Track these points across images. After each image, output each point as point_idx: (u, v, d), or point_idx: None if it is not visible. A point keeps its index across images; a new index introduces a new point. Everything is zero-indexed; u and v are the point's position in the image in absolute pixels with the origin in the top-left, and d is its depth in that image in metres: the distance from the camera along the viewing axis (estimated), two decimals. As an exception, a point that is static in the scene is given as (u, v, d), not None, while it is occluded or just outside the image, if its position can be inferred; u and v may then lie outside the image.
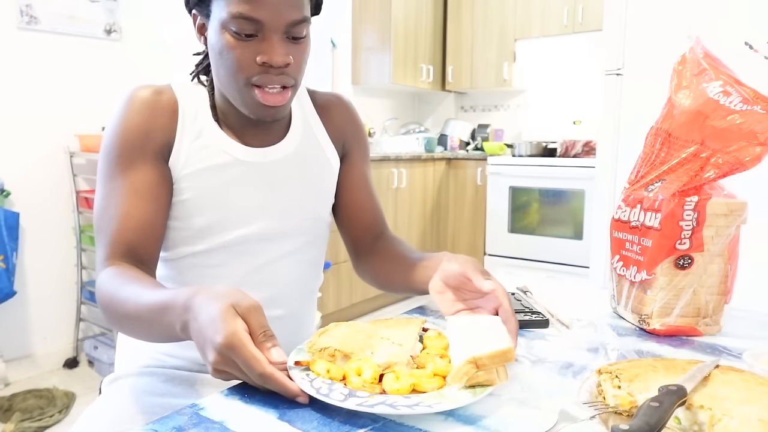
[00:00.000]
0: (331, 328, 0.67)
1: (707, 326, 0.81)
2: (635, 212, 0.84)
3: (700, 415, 0.50)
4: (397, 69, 4.14)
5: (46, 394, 2.30)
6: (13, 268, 2.32)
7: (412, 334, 0.68)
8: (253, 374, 0.57)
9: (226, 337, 0.56)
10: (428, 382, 0.58)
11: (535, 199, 3.90)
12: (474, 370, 0.56)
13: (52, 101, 2.57)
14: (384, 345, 0.65)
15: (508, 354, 0.57)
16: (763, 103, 0.76)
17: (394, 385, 0.57)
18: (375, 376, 0.59)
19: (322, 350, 0.62)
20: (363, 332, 0.66)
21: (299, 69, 0.84)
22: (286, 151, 0.94)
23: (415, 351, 0.65)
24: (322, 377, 0.59)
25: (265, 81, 0.81)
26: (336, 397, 0.55)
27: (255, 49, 0.79)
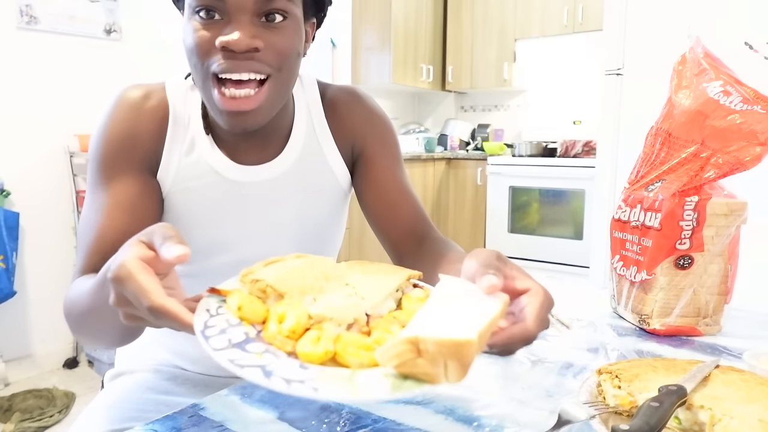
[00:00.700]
0: (288, 258, 0.54)
1: (707, 326, 0.81)
2: (635, 212, 0.84)
3: (701, 415, 0.50)
4: (397, 69, 4.15)
5: (45, 394, 2.30)
6: (13, 268, 2.32)
7: (386, 287, 0.52)
8: (142, 310, 0.45)
9: (114, 270, 0.46)
10: (353, 354, 0.43)
11: (535, 199, 3.90)
12: (412, 355, 0.40)
13: (52, 101, 2.57)
14: (338, 292, 0.50)
15: (462, 348, 0.39)
16: (764, 102, 0.76)
17: (307, 347, 0.43)
18: (296, 329, 0.45)
19: (253, 282, 0.48)
20: (323, 271, 0.51)
21: (279, 56, 0.71)
22: (282, 167, 0.84)
23: (379, 310, 0.50)
24: (232, 314, 0.46)
25: (227, 67, 0.68)
26: (218, 341, 0.42)
27: (218, 31, 0.68)
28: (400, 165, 0.93)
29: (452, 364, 0.39)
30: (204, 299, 0.47)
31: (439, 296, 0.48)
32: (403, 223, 0.89)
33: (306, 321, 0.45)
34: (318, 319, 0.46)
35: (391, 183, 0.90)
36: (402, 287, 0.54)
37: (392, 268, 0.56)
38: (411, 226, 0.89)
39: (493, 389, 0.63)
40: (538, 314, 0.48)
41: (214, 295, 0.48)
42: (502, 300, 0.46)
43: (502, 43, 4.30)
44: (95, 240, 0.74)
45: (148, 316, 0.45)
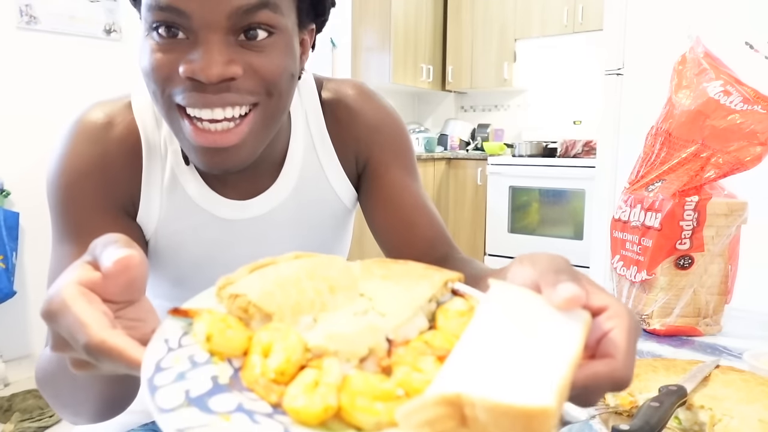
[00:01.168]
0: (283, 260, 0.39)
1: (707, 326, 0.81)
2: (635, 212, 0.84)
3: (701, 415, 0.50)
4: (397, 69, 4.15)
5: (46, 394, 2.30)
6: (12, 268, 2.32)
7: (415, 299, 0.37)
8: (79, 350, 0.32)
9: (45, 303, 0.34)
10: (365, 409, 0.29)
11: (535, 199, 3.90)
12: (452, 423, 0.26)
13: (52, 101, 2.57)
14: (347, 309, 0.36)
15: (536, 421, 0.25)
16: (764, 102, 0.76)
17: (299, 400, 0.29)
18: (286, 369, 0.31)
19: (232, 298, 0.35)
20: (327, 280, 0.37)
21: (264, 82, 0.56)
22: (279, 197, 0.72)
23: (405, 332, 0.35)
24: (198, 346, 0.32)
25: (195, 101, 0.54)
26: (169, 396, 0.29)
27: (181, 54, 0.54)
28: (414, 175, 0.79)
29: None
30: (163, 325, 0.34)
31: (490, 317, 0.33)
32: (420, 243, 0.75)
33: (300, 356, 0.32)
34: (318, 352, 0.32)
35: (405, 198, 0.76)
36: (436, 297, 0.38)
37: (422, 270, 0.41)
38: (429, 246, 0.75)
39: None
40: (628, 345, 0.33)
41: (180, 318, 0.34)
42: (583, 324, 0.32)
43: (502, 43, 4.30)
44: None
45: (87, 357, 0.32)
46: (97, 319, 0.32)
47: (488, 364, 0.28)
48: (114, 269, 0.33)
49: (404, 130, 0.80)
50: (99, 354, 0.31)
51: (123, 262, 0.33)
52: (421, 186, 0.80)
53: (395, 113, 0.80)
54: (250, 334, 0.33)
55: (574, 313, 0.33)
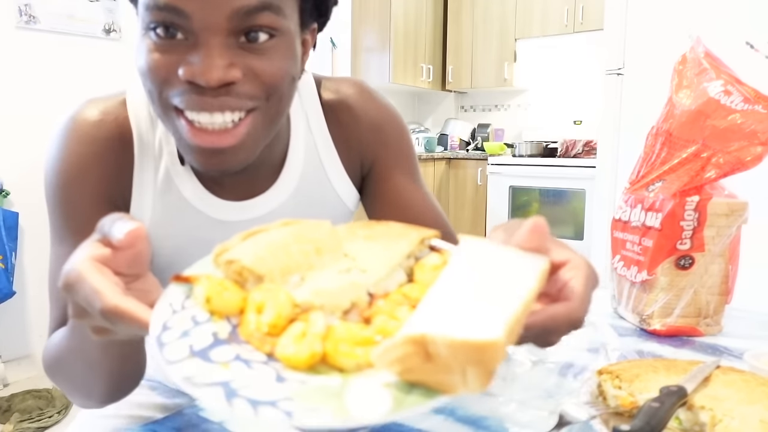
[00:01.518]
0: (273, 227, 0.43)
1: (708, 326, 0.81)
2: (636, 212, 0.84)
3: (701, 416, 0.50)
4: (396, 69, 4.15)
5: (45, 394, 2.29)
6: (12, 268, 2.32)
7: (394, 255, 0.41)
8: (96, 316, 0.37)
9: (63, 276, 0.38)
10: (346, 354, 0.33)
11: (536, 199, 3.90)
12: (418, 360, 0.30)
13: (52, 101, 2.57)
14: (332, 268, 0.40)
15: (486, 352, 0.29)
16: (764, 102, 0.76)
17: (288, 349, 0.34)
18: (277, 323, 0.35)
19: (227, 264, 0.39)
20: (314, 242, 0.41)
21: (264, 86, 0.55)
22: (279, 198, 0.71)
23: (385, 285, 0.39)
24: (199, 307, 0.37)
25: (194, 104, 0.53)
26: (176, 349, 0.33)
27: (180, 55, 0.52)
28: (418, 174, 0.80)
29: (473, 370, 0.30)
30: (167, 290, 0.38)
31: (457, 268, 0.37)
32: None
33: (290, 311, 0.36)
34: (305, 307, 0.36)
35: (411, 200, 0.77)
36: (414, 253, 0.43)
37: (402, 229, 0.45)
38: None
39: (493, 389, 0.62)
40: (585, 291, 0.38)
41: (181, 284, 0.39)
42: (540, 269, 0.36)
43: (502, 43, 4.30)
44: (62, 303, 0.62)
45: (103, 322, 0.38)
46: (109, 287, 0.37)
47: (450, 307, 0.32)
48: (126, 240, 0.38)
49: (406, 129, 0.81)
50: (113, 317, 0.36)
51: (133, 233, 0.38)
52: (424, 184, 0.81)
53: (397, 112, 0.80)
54: (245, 295, 0.38)
55: (533, 260, 0.37)
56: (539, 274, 0.36)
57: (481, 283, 0.35)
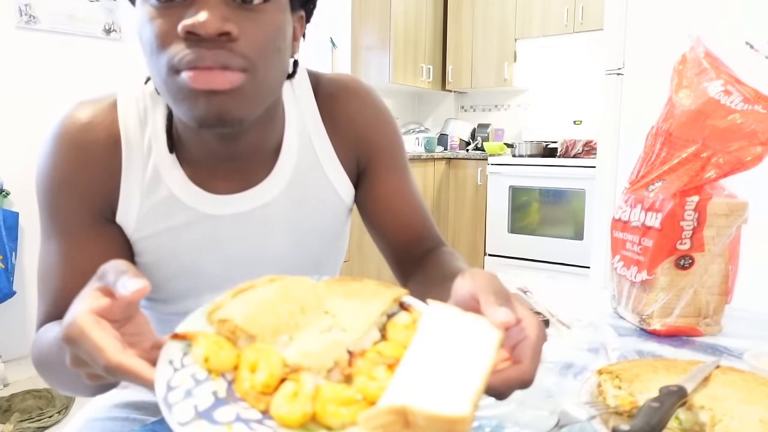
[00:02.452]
0: (260, 284, 0.47)
1: (708, 326, 0.81)
2: (636, 212, 0.84)
3: (701, 416, 0.50)
4: (396, 68, 4.15)
5: (45, 394, 2.30)
6: (12, 268, 2.32)
7: (369, 315, 0.46)
8: (98, 369, 0.40)
9: (64, 329, 0.40)
10: (333, 414, 0.38)
11: (536, 199, 3.90)
12: (398, 426, 0.36)
13: (52, 101, 2.57)
14: (315, 328, 0.45)
15: (457, 425, 0.35)
16: (764, 102, 0.76)
17: (283, 408, 0.39)
18: (270, 382, 0.40)
19: (221, 322, 0.43)
20: (298, 301, 0.46)
21: (256, 47, 0.57)
22: (273, 191, 0.71)
23: (362, 343, 0.45)
24: (198, 365, 0.41)
25: (193, 58, 0.54)
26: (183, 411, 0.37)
27: (179, 16, 0.54)
28: (409, 173, 0.83)
29: None
30: (166, 347, 0.41)
31: (425, 336, 0.43)
32: (412, 240, 0.80)
33: (281, 371, 0.41)
34: (294, 367, 0.41)
35: (402, 201, 0.80)
36: (387, 311, 0.48)
37: (375, 287, 0.50)
38: (419, 242, 0.80)
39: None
40: (534, 354, 0.43)
41: (179, 341, 0.42)
42: (496, 341, 0.42)
43: (502, 43, 4.30)
44: (55, 302, 0.65)
45: (105, 375, 0.40)
46: (111, 343, 0.39)
47: (425, 380, 0.38)
48: (131, 297, 0.40)
49: (397, 126, 0.83)
50: (116, 373, 0.39)
51: (140, 292, 0.40)
52: (414, 183, 0.83)
53: (387, 109, 0.82)
54: (238, 352, 0.42)
55: (489, 332, 0.42)
56: (495, 346, 0.41)
57: (449, 354, 0.41)
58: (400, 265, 0.82)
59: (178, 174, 0.68)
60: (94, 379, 0.43)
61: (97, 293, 0.42)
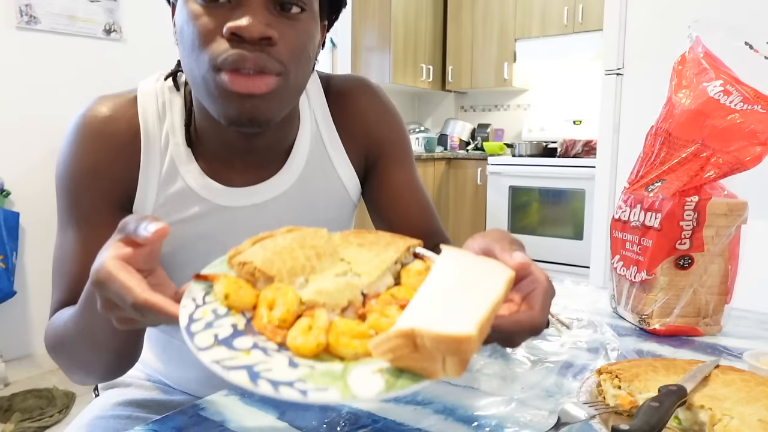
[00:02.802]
0: (278, 233, 0.50)
1: (707, 326, 0.81)
2: (635, 212, 0.84)
3: (701, 415, 0.50)
4: (396, 69, 4.15)
5: (45, 394, 2.30)
6: (12, 268, 2.32)
7: (383, 262, 0.48)
8: (128, 308, 0.43)
9: (93, 274, 0.44)
10: (346, 344, 0.40)
11: (535, 199, 3.90)
12: (407, 350, 0.37)
13: (52, 101, 2.57)
14: (331, 271, 0.46)
15: (462, 344, 0.36)
16: (764, 102, 0.76)
17: (298, 340, 0.40)
18: (287, 317, 0.42)
19: (241, 265, 0.45)
20: (315, 248, 0.48)
21: (292, 54, 0.61)
22: (285, 184, 0.74)
23: (376, 287, 0.46)
24: (219, 303, 0.43)
25: (236, 60, 0.58)
26: (204, 338, 0.39)
27: (224, 17, 0.58)
28: (415, 170, 0.85)
29: (451, 359, 0.37)
30: (189, 287, 0.44)
31: (439, 274, 0.44)
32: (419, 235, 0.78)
33: (297, 308, 0.42)
34: (310, 304, 0.43)
35: (410, 199, 0.82)
36: (401, 259, 0.50)
37: (390, 238, 0.52)
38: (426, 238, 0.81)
39: (493, 389, 0.63)
40: (544, 302, 0.45)
41: (201, 282, 0.45)
42: (506, 278, 0.43)
43: (502, 43, 4.30)
44: (69, 289, 0.67)
45: (134, 314, 0.43)
46: (138, 283, 0.43)
47: (434, 307, 0.40)
48: (153, 237, 0.43)
49: (404, 123, 0.86)
50: (144, 309, 0.42)
51: (161, 231, 0.43)
52: (421, 181, 0.86)
53: (395, 108, 0.85)
54: (257, 292, 0.44)
55: (500, 270, 0.44)
56: (505, 282, 0.42)
57: (459, 287, 0.42)
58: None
59: (193, 167, 0.71)
60: (124, 323, 0.46)
61: (119, 243, 0.45)
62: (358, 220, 0.90)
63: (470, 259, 0.46)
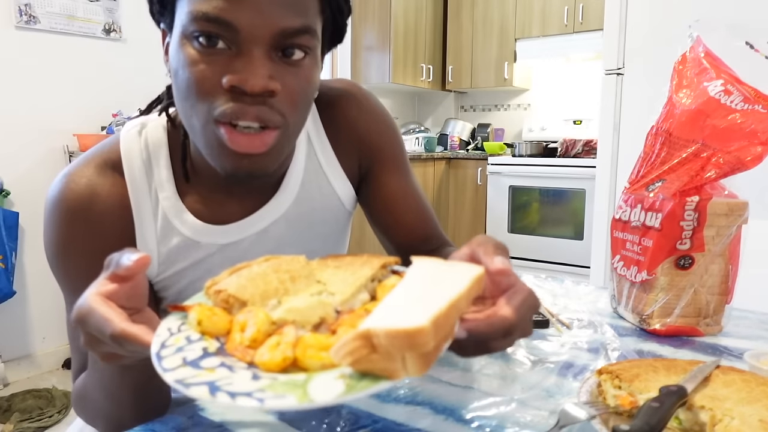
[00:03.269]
0: (256, 263, 0.50)
1: (708, 326, 0.81)
2: (636, 212, 0.84)
3: (701, 416, 0.50)
4: (396, 68, 4.15)
5: (45, 394, 2.30)
6: (12, 268, 2.32)
7: (358, 279, 0.48)
8: (108, 342, 0.43)
9: (75, 310, 0.44)
10: (312, 356, 0.40)
11: (536, 199, 3.90)
12: (365, 351, 0.36)
13: (51, 101, 2.57)
14: (306, 293, 0.47)
15: (415, 337, 0.35)
16: (765, 102, 0.76)
17: (265, 355, 0.40)
18: (257, 337, 0.42)
19: (216, 293, 0.46)
20: (289, 272, 0.48)
21: (293, 103, 0.59)
22: (283, 206, 0.73)
23: (351, 304, 0.46)
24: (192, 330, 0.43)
25: (235, 113, 0.55)
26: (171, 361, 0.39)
27: (224, 66, 0.55)
28: (410, 173, 0.84)
29: (410, 356, 0.36)
30: (166, 318, 0.45)
31: (406, 281, 0.44)
32: (416, 240, 0.82)
33: (267, 327, 0.42)
34: (281, 323, 0.43)
35: (405, 201, 0.82)
36: (377, 276, 0.50)
37: (366, 258, 0.52)
38: (423, 242, 0.82)
39: (493, 389, 0.62)
40: (520, 306, 0.43)
41: (178, 312, 0.46)
42: (472, 276, 0.42)
43: (502, 42, 4.30)
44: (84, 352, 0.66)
45: (114, 346, 0.43)
46: (116, 315, 0.43)
47: (394, 309, 0.39)
48: (134, 267, 0.44)
49: (398, 130, 0.84)
50: (122, 339, 0.42)
51: (141, 261, 0.44)
52: (417, 184, 0.85)
53: (388, 113, 0.83)
54: (231, 318, 0.44)
55: (467, 268, 0.44)
56: (471, 279, 0.42)
57: (420, 290, 0.42)
58: (406, 266, 0.82)
59: (187, 217, 0.68)
60: (108, 359, 0.46)
61: (104, 280, 0.45)
62: (357, 223, 0.91)
63: (439, 264, 0.47)
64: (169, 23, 0.60)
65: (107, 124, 2.64)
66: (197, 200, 0.69)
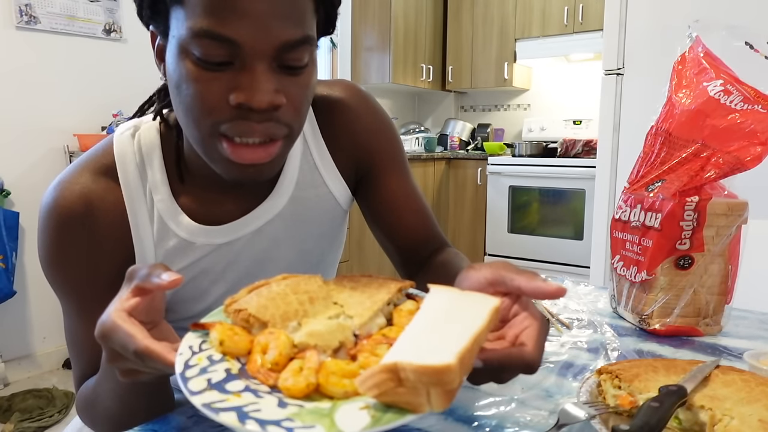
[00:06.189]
0: (274, 281, 0.51)
1: (708, 326, 0.81)
2: (635, 212, 0.84)
3: (701, 416, 0.50)
4: (397, 69, 4.14)
5: (45, 394, 2.30)
6: (12, 268, 2.32)
7: (375, 303, 0.49)
8: (130, 357, 0.44)
9: (99, 327, 0.46)
10: (336, 384, 0.41)
11: (535, 199, 3.90)
12: (392, 384, 0.37)
13: (51, 101, 2.57)
14: (323, 315, 0.48)
15: (443, 375, 0.36)
16: (764, 102, 0.76)
17: (288, 381, 0.41)
18: (279, 360, 0.43)
19: (236, 312, 0.47)
20: (308, 293, 0.49)
21: (297, 112, 0.59)
22: (278, 205, 0.73)
23: (369, 328, 0.47)
24: (213, 349, 0.44)
25: (242, 130, 0.56)
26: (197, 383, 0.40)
27: (228, 82, 0.55)
28: (410, 175, 0.83)
29: (435, 392, 0.37)
30: (187, 336, 0.45)
31: (426, 311, 0.45)
32: (416, 243, 0.81)
33: (289, 351, 0.43)
34: (302, 347, 0.44)
35: (404, 203, 0.81)
36: (393, 300, 0.51)
37: (382, 281, 0.53)
38: (423, 244, 0.82)
39: (493, 389, 0.63)
40: (538, 339, 0.44)
41: (198, 330, 0.46)
42: (490, 308, 0.43)
43: (502, 42, 4.30)
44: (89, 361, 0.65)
45: (137, 362, 0.44)
46: (140, 331, 0.44)
47: (418, 342, 0.40)
48: (168, 285, 0.45)
49: (397, 130, 0.84)
50: (145, 356, 0.43)
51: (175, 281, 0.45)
52: (416, 185, 0.84)
53: (386, 114, 0.83)
54: (251, 338, 0.45)
55: (485, 300, 0.44)
56: (489, 312, 0.43)
57: (443, 321, 0.43)
58: (405, 267, 0.83)
59: (182, 219, 0.68)
60: (128, 375, 0.47)
61: (127, 295, 0.47)
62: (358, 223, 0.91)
63: (456, 294, 0.48)
64: (162, 30, 0.59)
65: (107, 124, 2.64)
66: (192, 201, 0.69)
